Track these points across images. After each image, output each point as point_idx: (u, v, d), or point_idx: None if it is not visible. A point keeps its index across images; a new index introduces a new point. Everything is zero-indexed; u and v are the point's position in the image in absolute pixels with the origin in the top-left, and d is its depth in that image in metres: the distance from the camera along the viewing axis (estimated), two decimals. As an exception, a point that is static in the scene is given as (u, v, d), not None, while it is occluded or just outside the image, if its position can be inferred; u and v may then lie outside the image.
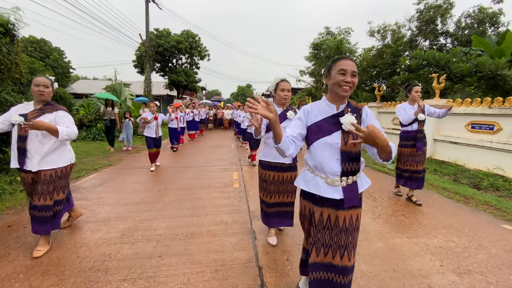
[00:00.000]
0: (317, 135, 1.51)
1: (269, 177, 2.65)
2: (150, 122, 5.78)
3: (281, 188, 2.65)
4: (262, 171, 2.71)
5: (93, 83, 33.69)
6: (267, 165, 2.66)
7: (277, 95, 2.57)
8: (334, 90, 1.48)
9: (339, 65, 1.43)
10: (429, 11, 14.32)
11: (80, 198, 4.08)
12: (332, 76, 1.46)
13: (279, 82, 2.55)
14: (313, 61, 19.61)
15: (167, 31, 23.43)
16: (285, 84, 2.55)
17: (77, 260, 2.42)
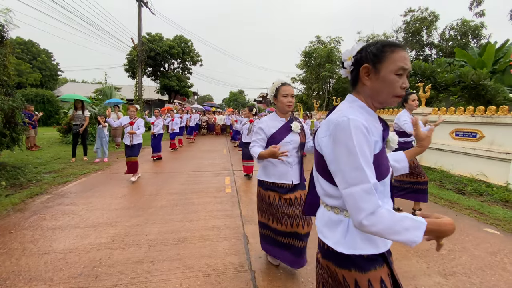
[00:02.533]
0: None
1: (274, 200, 2.17)
2: (125, 126, 5.23)
3: (293, 211, 2.13)
4: (264, 192, 2.24)
5: (82, 86, 33.13)
6: (270, 186, 2.19)
7: (278, 102, 2.16)
8: None
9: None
10: (415, 23, 14.92)
11: (68, 203, 4.00)
12: None
13: (280, 87, 2.15)
14: (304, 68, 19.96)
15: (160, 35, 23.43)
16: (288, 89, 2.13)
17: (66, 266, 2.37)
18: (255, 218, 3.60)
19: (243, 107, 47.22)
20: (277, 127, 2.15)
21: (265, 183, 2.21)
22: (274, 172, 2.16)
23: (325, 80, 18.01)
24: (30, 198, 4.15)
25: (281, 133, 2.14)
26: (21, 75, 23.95)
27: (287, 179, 2.14)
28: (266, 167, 2.21)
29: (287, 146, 2.10)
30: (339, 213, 1.00)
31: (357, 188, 0.83)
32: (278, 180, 2.15)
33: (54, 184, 4.94)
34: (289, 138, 2.13)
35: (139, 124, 5.28)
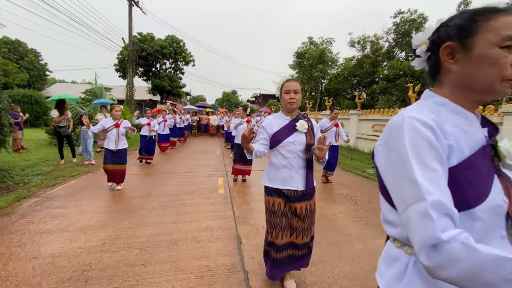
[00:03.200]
0: None
1: (279, 208, 1.97)
2: (109, 129, 4.60)
3: (296, 223, 1.98)
4: (268, 199, 2.04)
5: (71, 86, 32.49)
6: (274, 192, 2.00)
7: (282, 100, 2.00)
8: None
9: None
10: (404, 25, 15.20)
11: (57, 206, 3.91)
12: None
13: (284, 83, 1.97)
14: (297, 69, 20.09)
15: (151, 35, 23.17)
16: (290, 84, 1.92)
17: (55, 270, 2.32)
18: (248, 218, 3.61)
19: (236, 107, 47.15)
20: (280, 126, 1.98)
21: (269, 189, 2.02)
22: (278, 177, 1.96)
23: (317, 81, 18.17)
24: (17, 202, 4.04)
25: (284, 132, 1.95)
26: (7, 75, 23.32)
27: (292, 184, 1.93)
28: (269, 172, 2.04)
29: (290, 147, 1.92)
30: (400, 247, 0.77)
31: (412, 209, 0.60)
32: (283, 185, 1.94)
33: (42, 187, 4.83)
34: (292, 138, 1.93)
35: (124, 125, 4.77)
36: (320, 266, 2.48)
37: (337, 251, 2.78)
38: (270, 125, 2.00)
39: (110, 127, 4.61)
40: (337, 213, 3.89)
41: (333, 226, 3.42)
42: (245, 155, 5.66)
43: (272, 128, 1.99)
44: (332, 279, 2.29)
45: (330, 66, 18.22)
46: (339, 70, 17.84)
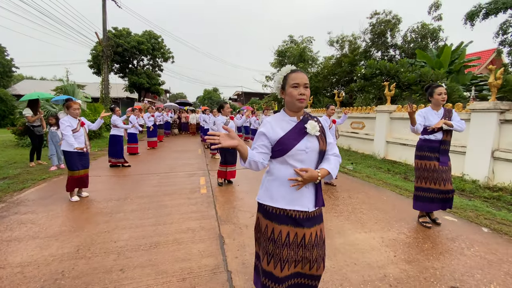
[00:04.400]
0: None
1: (282, 236, 1.49)
2: (77, 129, 4.09)
3: (303, 254, 1.51)
4: (267, 223, 1.54)
5: (40, 83, 30.52)
6: (277, 215, 1.51)
7: (287, 96, 1.53)
8: None
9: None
10: (380, 25, 15.74)
11: (26, 212, 3.65)
12: None
13: (289, 74, 1.51)
14: (278, 67, 20.22)
15: (127, 30, 22.26)
16: (300, 77, 1.48)
17: (24, 281, 2.16)
18: (232, 217, 3.58)
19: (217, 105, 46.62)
20: (286, 129, 1.50)
21: (269, 210, 1.52)
22: (283, 194, 1.48)
23: (298, 79, 18.35)
24: (-21, 208, 3.73)
25: (292, 137, 1.48)
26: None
27: (302, 204, 1.48)
28: (269, 187, 1.54)
29: (301, 156, 1.46)
30: None
31: None
32: (289, 205, 1.48)
33: (8, 192, 4.49)
34: (303, 144, 1.47)
35: (86, 123, 4.39)
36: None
37: (319, 246, 2.83)
38: (272, 129, 1.50)
39: (77, 127, 4.10)
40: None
41: (315, 222, 3.48)
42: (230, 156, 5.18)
43: (275, 133, 1.49)
44: (314, 275, 2.32)
45: (311, 65, 18.50)
46: (319, 69, 18.17)
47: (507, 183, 4.90)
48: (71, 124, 4.01)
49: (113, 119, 6.70)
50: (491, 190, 4.86)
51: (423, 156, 3.30)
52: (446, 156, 3.24)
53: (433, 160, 3.22)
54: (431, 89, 3.23)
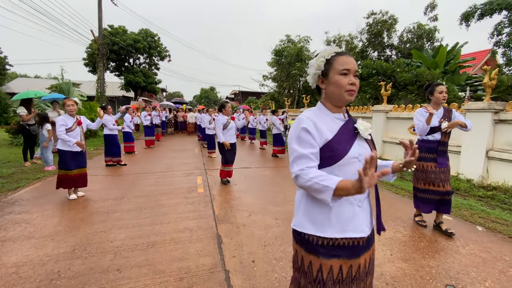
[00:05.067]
0: None
1: (333, 274, 1.12)
2: (73, 128, 3.97)
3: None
4: (311, 259, 1.15)
5: (35, 81, 30.16)
6: (324, 247, 1.12)
7: (330, 85, 1.16)
8: None
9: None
10: (377, 25, 15.83)
11: (20, 211, 3.61)
12: None
13: (335, 57, 1.15)
14: (275, 66, 20.21)
15: (123, 28, 22.09)
16: (351, 61, 1.14)
17: (19, 281, 2.13)
18: (229, 217, 3.58)
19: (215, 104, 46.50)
20: (333, 130, 1.15)
21: (313, 241, 1.13)
22: (332, 219, 1.11)
23: (295, 79, 18.41)
24: (-28, 208, 3.68)
25: (344, 140, 1.14)
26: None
27: (356, 227, 1.13)
28: (311, 209, 1.15)
29: (354, 165, 1.12)
30: None
31: None
32: (340, 232, 1.11)
33: (2, 191, 4.43)
34: (356, 150, 1.14)
35: (85, 121, 4.30)
36: (300, 262, 2.51)
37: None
38: (316, 128, 1.11)
39: (73, 125, 3.99)
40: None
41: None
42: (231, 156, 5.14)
43: (321, 134, 1.12)
44: (312, 274, 2.33)
45: (307, 64, 18.52)
46: (316, 68, 18.20)
47: (501, 182, 4.96)
48: (66, 123, 3.92)
49: (104, 119, 6.36)
50: (485, 189, 4.92)
51: (420, 158, 3.22)
52: (445, 157, 3.17)
53: (430, 161, 3.17)
54: (432, 88, 3.13)
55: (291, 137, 1.16)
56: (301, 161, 1.08)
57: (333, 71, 1.14)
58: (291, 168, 1.12)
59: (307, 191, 1.10)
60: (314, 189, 1.01)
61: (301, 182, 1.06)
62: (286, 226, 3.30)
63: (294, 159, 1.10)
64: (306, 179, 1.03)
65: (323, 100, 1.23)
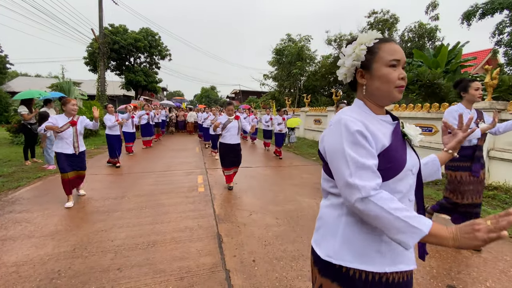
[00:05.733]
0: None
1: None
2: (62, 130, 3.69)
3: None
4: None
5: (35, 80, 30.20)
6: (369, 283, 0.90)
7: (376, 80, 0.93)
8: None
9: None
10: (378, 24, 15.77)
11: (21, 210, 3.61)
12: None
13: (380, 44, 0.93)
14: (276, 65, 20.18)
15: (124, 27, 22.06)
16: (399, 50, 0.93)
17: (20, 280, 2.14)
18: (230, 216, 3.57)
19: (215, 103, 46.45)
20: (387, 135, 0.93)
21: (355, 276, 0.90)
22: (385, 248, 0.89)
23: (296, 78, 18.39)
24: (-27, 207, 3.68)
25: (398, 147, 0.93)
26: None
27: (409, 259, 0.94)
28: (355, 234, 0.91)
29: (408, 180, 0.93)
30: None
31: None
32: (393, 266, 0.90)
33: (3, 190, 4.44)
34: (411, 159, 0.94)
35: (83, 122, 4.02)
36: (300, 261, 2.51)
37: (317, 245, 2.83)
38: (367, 129, 0.88)
39: (64, 125, 3.72)
40: (316, 207, 3.97)
41: (313, 220, 3.48)
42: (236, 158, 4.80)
43: (377, 138, 0.88)
44: (313, 273, 2.33)
45: (308, 64, 18.50)
46: (317, 68, 18.19)
47: (502, 182, 4.95)
48: (57, 122, 3.68)
49: (104, 118, 6.39)
50: (486, 189, 4.90)
51: (457, 167, 2.75)
52: (478, 164, 2.72)
53: (466, 171, 2.73)
54: (465, 84, 2.65)
55: (338, 141, 0.87)
56: (366, 174, 0.81)
57: (379, 62, 0.92)
58: (346, 183, 0.82)
59: (368, 220, 0.82)
60: (391, 225, 0.76)
61: (371, 209, 0.78)
62: (286, 226, 3.29)
63: (354, 170, 0.81)
64: (383, 208, 0.76)
65: (363, 98, 1.00)
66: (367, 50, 0.94)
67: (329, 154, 0.91)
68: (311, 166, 7.11)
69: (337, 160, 0.87)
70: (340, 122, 0.89)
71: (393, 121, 1.00)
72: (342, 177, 0.84)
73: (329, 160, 0.91)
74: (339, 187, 0.86)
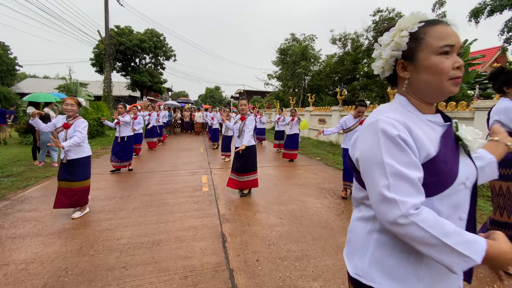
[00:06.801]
0: None
1: None
2: (58, 131, 3.37)
3: None
4: None
5: (43, 82, 30.73)
6: None
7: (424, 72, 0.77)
8: None
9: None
10: (383, 23, 15.61)
11: (30, 209, 3.69)
12: None
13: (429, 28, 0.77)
14: (280, 65, 20.15)
15: (129, 28, 22.33)
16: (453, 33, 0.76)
17: (28, 277, 2.18)
18: (234, 216, 3.59)
19: (220, 103, 46.61)
20: (434, 141, 0.76)
21: None
22: (423, 272, 0.76)
23: (300, 77, 18.34)
24: (-17, 206, 3.77)
25: (449, 156, 0.76)
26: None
27: (451, 283, 0.80)
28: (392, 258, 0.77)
29: (460, 195, 0.76)
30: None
31: None
32: None
33: (12, 189, 4.53)
34: (463, 171, 0.76)
35: (78, 126, 3.30)
36: (304, 260, 2.51)
37: (321, 245, 2.83)
38: (410, 133, 0.74)
39: (59, 127, 3.34)
40: (320, 207, 3.96)
41: (317, 220, 3.48)
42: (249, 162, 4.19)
43: (422, 145, 0.74)
44: (316, 273, 2.33)
45: (313, 63, 18.44)
46: (321, 67, 18.11)
47: (511, 182, 4.86)
48: (57, 122, 3.39)
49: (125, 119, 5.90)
50: (494, 189, 4.83)
51: (505, 176, 2.23)
52: None
53: None
54: (510, 76, 2.16)
55: (374, 147, 0.73)
56: (407, 188, 0.67)
57: (426, 50, 0.76)
58: (382, 197, 0.69)
59: (407, 241, 0.68)
60: (436, 251, 0.64)
61: (411, 232, 0.65)
62: (290, 226, 3.29)
63: (392, 182, 0.68)
64: (427, 231, 0.64)
65: (406, 94, 0.83)
66: (409, 36, 0.78)
67: (363, 163, 0.77)
68: (315, 166, 7.09)
69: (371, 170, 0.73)
70: (376, 124, 0.74)
71: (444, 122, 0.83)
72: (377, 190, 0.70)
73: (362, 169, 0.77)
74: (372, 202, 0.73)
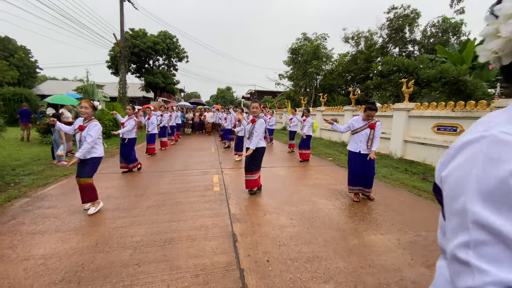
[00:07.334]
0: None
1: None
2: (75, 132, 3.59)
3: None
4: None
5: (63, 84, 31.91)
6: None
7: None
8: None
9: None
10: (398, 20, 15.23)
11: (49, 206, 3.84)
12: None
13: None
14: (291, 65, 20.03)
15: (143, 31, 22.84)
16: None
17: (47, 272, 2.27)
18: (244, 216, 3.60)
19: (231, 103, 46.89)
20: None
21: None
22: None
23: (312, 77, 18.16)
24: (8, 202, 3.96)
25: None
26: (-4, 73, 22.72)
27: None
28: None
29: None
30: None
31: None
32: None
33: (33, 187, 4.74)
34: None
35: (90, 129, 3.47)
36: (315, 262, 2.48)
37: (332, 247, 2.79)
38: None
39: (76, 129, 3.57)
40: (332, 208, 3.91)
41: (328, 221, 3.44)
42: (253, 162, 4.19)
43: None
44: (328, 275, 2.30)
45: (325, 62, 18.21)
46: (334, 66, 17.86)
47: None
48: (75, 125, 3.63)
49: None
50: None
51: None
52: None
53: None
54: None
55: (469, 177, 0.50)
56: (499, 254, 0.44)
57: None
58: (453, 254, 0.51)
59: None
60: None
61: None
62: (301, 227, 3.27)
63: (476, 237, 0.47)
64: None
65: None
66: None
67: (448, 194, 0.55)
68: (326, 167, 6.99)
69: (455, 209, 0.52)
70: (483, 144, 0.50)
71: None
72: (452, 240, 0.51)
73: (446, 202, 0.56)
74: (446, 251, 0.54)
